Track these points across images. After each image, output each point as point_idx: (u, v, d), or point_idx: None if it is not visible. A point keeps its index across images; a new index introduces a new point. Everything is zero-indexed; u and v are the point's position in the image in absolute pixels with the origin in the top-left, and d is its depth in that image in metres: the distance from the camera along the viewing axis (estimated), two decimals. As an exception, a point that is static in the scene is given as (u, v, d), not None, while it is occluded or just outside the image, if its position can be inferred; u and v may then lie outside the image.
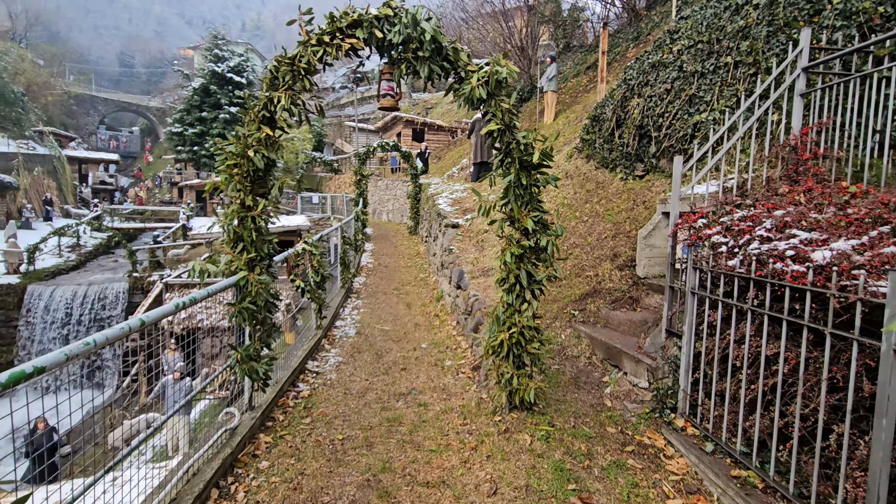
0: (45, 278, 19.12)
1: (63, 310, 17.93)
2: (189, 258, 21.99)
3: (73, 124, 53.83)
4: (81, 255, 22.86)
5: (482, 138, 11.18)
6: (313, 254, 5.20)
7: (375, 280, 9.59)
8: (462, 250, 7.45)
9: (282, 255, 4.07)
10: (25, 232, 24.04)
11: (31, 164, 30.44)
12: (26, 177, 28.72)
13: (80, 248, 23.82)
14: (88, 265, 22.69)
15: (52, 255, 21.41)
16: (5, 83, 33.30)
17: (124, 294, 18.87)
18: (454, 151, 19.68)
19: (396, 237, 14.85)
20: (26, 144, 32.19)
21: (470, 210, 9.03)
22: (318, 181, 30.04)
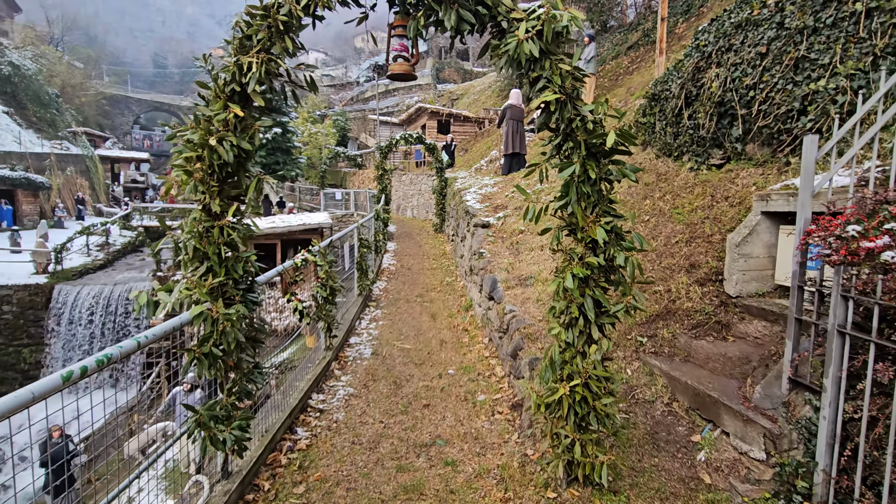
0: (72, 278, 19.14)
1: (89, 309, 17.86)
2: (213, 256, 21.74)
3: (108, 124, 55.33)
4: (109, 254, 22.94)
5: (515, 126, 10.13)
6: (319, 264, 4.33)
7: (397, 285, 8.71)
8: (494, 254, 6.48)
9: (270, 273, 3.20)
10: (57, 231, 24.35)
11: (65, 164, 30.99)
12: (59, 176, 29.22)
13: (108, 246, 23.95)
14: (116, 264, 22.75)
15: (81, 255, 21.51)
16: (40, 85, 34.03)
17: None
18: (482, 143, 18.62)
19: (421, 235, 13.96)
20: (60, 145, 32.83)
21: (502, 207, 8.03)
22: (342, 177, 29.48)
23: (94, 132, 44.76)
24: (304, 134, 29.37)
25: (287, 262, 3.71)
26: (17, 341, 17.54)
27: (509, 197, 8.27)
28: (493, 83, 26.29)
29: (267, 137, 21.36)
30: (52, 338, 17.44)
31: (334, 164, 30.72)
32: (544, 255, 5.80)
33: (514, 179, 9.55)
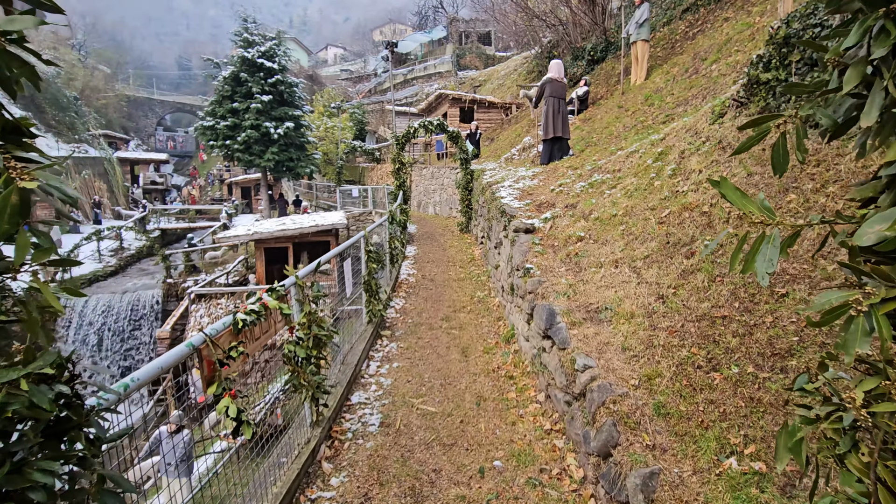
0: (80, 286, 18.28)
1: (97, 320, 16.94)
2: (227, 260, 20.70)
3: (132, 127, 55.69)
4: (122, 259, 22.15)
5: (556, 105, 8.34)
6: (285, 313, 2.75)
7: (418, 303, 7.11)
8: (545, 270, 4.78)
9: (157, 364, 1.60)
10: (72, 236, 23.71)
11: (82, 167, 30.55)
12: (76, 180, 28.74)
13: (122, 251, 23.20)
14: (129, 269, 21.94)
15: (92, 261, 20.74)
16: (59, 88, 33.71)
17: (157, 302, 17.70)
18: (509, 131, 16.80)
19: (445, 236, 12.32)
20: (78, 148, 32.48)
21: (547, 205, 6.29)
22: (360, 172, 28.08)
23: (115, 134, 44.72)
24: (320, 129, 28.05)
25: (213, 327, 2.12)
26: (25, 354, 16.74)
27: (557, 191, 6.52)
28: (518, 66, 24.33)
29: (279, 132, 20.05)
30: (59, 346, 16.56)
31: (352, 160, 29.33)
32: (621, 275, 4.07)
33: (558, 169, 7.80)
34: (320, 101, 30.53)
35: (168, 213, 32.31)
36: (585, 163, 7.34)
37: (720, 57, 7.39)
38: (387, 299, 6.68)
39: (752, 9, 8.07)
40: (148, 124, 59.12)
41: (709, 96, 6.66)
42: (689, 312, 3.26)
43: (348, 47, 79.75)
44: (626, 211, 4.78)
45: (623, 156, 5.96)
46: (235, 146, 20.13)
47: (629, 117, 8.48)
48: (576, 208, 5.73)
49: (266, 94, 20.25)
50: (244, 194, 38.66)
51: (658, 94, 8.27)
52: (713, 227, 3.75)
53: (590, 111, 11.06)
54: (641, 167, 5.24)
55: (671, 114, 7.12)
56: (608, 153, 7.24)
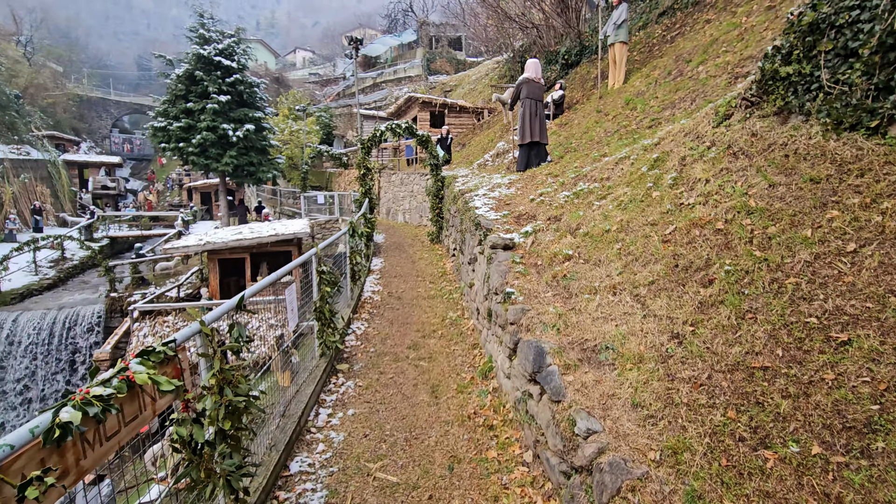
0: (10, 302, 16.52)
1: (28, 340, 15.27)
2: (180, 271, 19.22)
3: (84, 128, 52.65)
4: (63, 271, 20.30)
5: (534, 107, 7.71)
6: (164, 390, 1.90)
7: (382, 326, 6.27)
8: (529, 295, 4.06)
9: None
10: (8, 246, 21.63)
11: (22, 170, 28.23)
12: (14, 184, 26.45)
13: (64, 262, 21.31)
14: (70, 282, 20.13)
15: (27, 273, 18.88)
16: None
17: (100, 318, 16.15)
18: (481, 136, 16.19)
19: (414, 247, 11.52)
20: (18, 149, 30.06)
21: (528, 217, 5.60)
22: (327, 177, 26.98)
23: (63, 136, 41.95)
24: (285, 132, 26.80)
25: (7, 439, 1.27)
26: (-60, 381, 14.90)
27: (537, 202, 5.84)
28: (490, 71, 23.85)
29: (238, 135, 18.81)
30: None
31: (318, 164, 28.18)
32: (621, 305, 3.39)
33: (537, 177, 7.14)
34: (285, 103, 29.25)
35: (119, 219, 30.22)
36: (566, 170, 6.71)
37: (707, 58, 6.92)
38: (345, 325, 5.82)
39: (737, 9, 7.67)
40: (102, 126, 56.07)
41: (698, 98, 6.15)
42: (715, 359, 2.58)
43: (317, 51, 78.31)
44: (622, 226, 4.12)
45: (611, 162, 5.33)
46: (190, 149, 18.76)
47: (610, 122, 7.94)
48: (560, 221, 5.04)
49: (224, 94, 18.98)
50: (204, 200, 36.76)
51: (640, 98, 7.76)
52: (732, 248, 3.11)
53: (566, 116, 10.52)
54: (635, 175, 4.60)
55: (657, 118, 6.58)
56: (591, 159, 6.64)
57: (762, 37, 6.08)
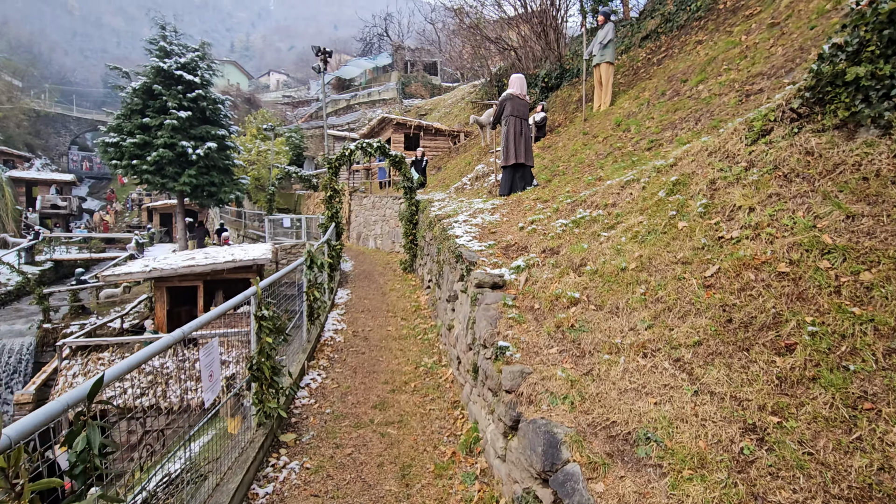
0: (-76, 334, 14.51)
1: (-60, 378, 13.34)
2: (128, 299, 17.53)
3: (40, 144, 50.06)
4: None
5: (518, 126, 6.99)
6: None
7: (343, 376, 5.23)
8: (528, 350, 3.17)
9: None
10: (-69, 269, 19.48)
11: (-41, 186, 25.94)
12: (-53, 202, 24.15)
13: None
14: (1, 311, 18.10)
15: (-51, 300, 16.83)
16: (-64, 95, 28.95)
17: (29, 352, 14.33)
18: (458, 159, 15.53)
19: (385, 276, 10.53)
20: (-45, 164, 27.75)
21: (518, 249, 4.75)
22: (295, 200, 25.81)
23: (12, 151, 39.46)
24: (252, 152, 25.63)
25: None
26: None
27: (528, 230, 5.01)
28: (466, 94, 23.51)
29: (199, 153, 17.57)
30: None
31: (287, 186, 27.00)
32: (659, 373, 2.52)
33: (524, 202, 6.36)
34: (254, 122, 28.15)
35: (66, 241, 28.01)
36: (557, 194, 5.95)
37: (706, 77, 6.38)
38: (296, 379, 4.76)
39: (733, 28, 7.25)
40: (60, 142, 53.48)
41: (703, 118, 5.53)
42: (828, 475, 1.72)
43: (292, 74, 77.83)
44: (642, 263, 3.30)
45: (615, 186, 4.57)
46: (144, 167, 17.37)
47: (600, 144, 7.29)
48: (559, 254, 4.21)
49: (184, 109, 17.80)
50: (164, 221, 34.82)
51: (633, 119, 7.16)
52: (810, 299, 2.31)
53: (549, 139, 9.92)
54: (650, 201, 3.83)
55: (656, 139, 5.93)
56: (584, 183, 5.91)
57: (770, 53, 5.56)
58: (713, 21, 8.31)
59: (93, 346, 11.66)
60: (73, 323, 15.40)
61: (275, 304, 3.93)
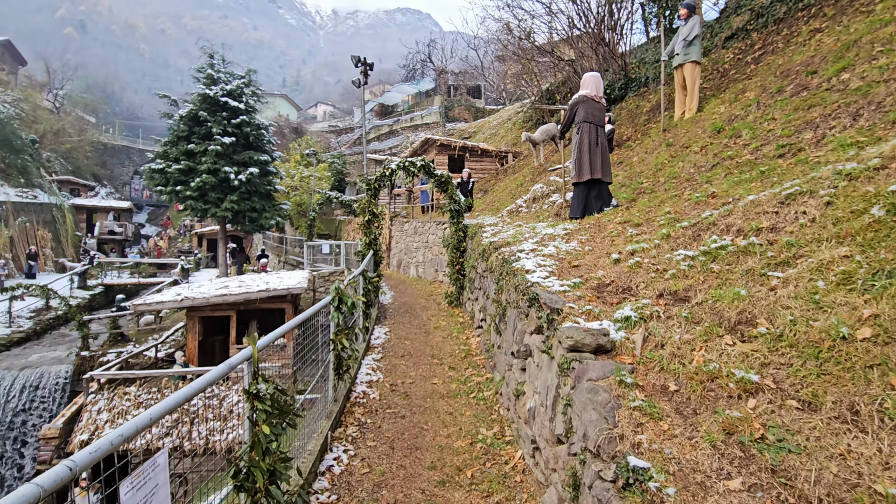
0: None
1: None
2: (167, 326, 17.16)
3: (105, 174, 53.23)
4: (41, 323, 18.45)
5: (594, 134, 5.71)
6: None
7: (376, 453, 3.98)
8: (685, 480, 1.81)
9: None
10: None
11: (25, 213, 27.25)
12: (13, 228, 25.29)
13: (47, 311, 19.50)
14: (47, 336, 18.19)
15: (1, 325, 17.03)
16: (13, 130, 31.03)
17: (66, 382, 13.99)
18: (507, 181, 14.32)
19: (428, 310, 9.31)
20: (26, 193, 29.33)
21: (617, 288, 3.40)
22: (336, 225, 25.34)
23: (78, 181, 41.78)
24: (295, 178, 25.54)
25: None
26: None
27: (628, 264, 3.66)
28: (513, 115, 22.49)
29: (241, 178, 17.32)
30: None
31: (328, 212, 26.67)
32: None
33: (606, 226, 5.01)
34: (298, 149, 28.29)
35: (119, 266, 28.74)
36: (653, 216, 4.59)
37: (851, 63, 4.90)
38: (314, 463, 3.53)
39: (874, 7, 5.75)
40: (124, 172, 56.82)
41: (866, 111, 4.05)
42: None
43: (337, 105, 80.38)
44: (882, 329, 1.89)
45: (766, 203, 3.18)
46: (188, 192, 17.25)
47: (697, 155, 5.87)
48: (691, 303, 2.84)
49: (229, 135, 17.70)
50: (211, 247, 35.43)
51: (741, 123, 5.72)
52: None
53: (618, 153, 8.55)
54: (855, 224, 2.43)
55: (791, 143, 4.48)
56: (688, 202, 4.52)
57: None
58: (831, 6, 6.81)
59: (121, 380, 11.02)
60: (111, 351, 15.04)
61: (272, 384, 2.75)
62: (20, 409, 13.18)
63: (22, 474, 12.45)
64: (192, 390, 2.12)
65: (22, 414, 13.15)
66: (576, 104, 5.85)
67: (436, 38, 40.45)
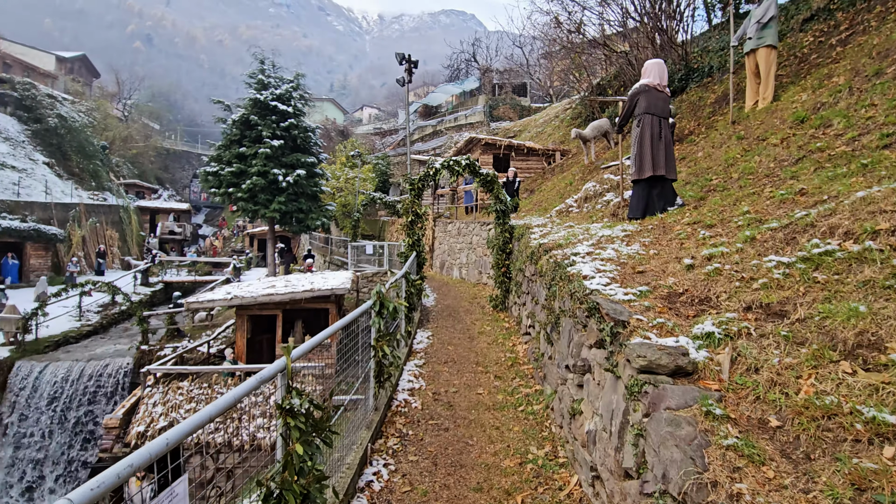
0: (44, 350, 15.59)
1: (50, 394, 14.03)
2: (219, 323, 17.79)
3: (167, 178, 56.53)
4: (107, 317, 19.63)
5: (657, 126, 5.22)
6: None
7: (418, 468, 3.72)
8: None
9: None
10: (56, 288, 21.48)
11: (95, 214, 29.24)
12: (85, 228, 27.18)
13: (112, 307, 20.75)
14: (114, 329, 19.33)
15: (71, 318, 18.24)
16: (86, 137, 33.45)
17: (126, 374, 14.71)
18: (555, 180, 13.78)
19: (472, 313, 9.01)
20: (96, 195, 31.51)
21: (692, 299, 2.96)
22: (380, 226, 25.52)
23: (143, 184, 44.49)
24: (341, 179, 25.95)
25: None
26: (-38, 434, 13.84)
27: (704, 271, 3.21)
28: (560, 112, 21.79)
29: (288, 180, 17.71)
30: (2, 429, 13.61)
31: (372, 212, 26.93)
32: None
33: (671, 227, 4.52)
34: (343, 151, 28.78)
35: (178, 265, 30.32)
36: (728, 216, 4.08)
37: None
38: (352, 477, 3.31)
39: None
40: (185, 176, 60.13)
41: None
42: None
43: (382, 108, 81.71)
44: None
45: (883, 200, 2.67)
46: (239, 194, 17.84)
47: (777, 148, 5.24)
48: (789, 318, 2.38)
49: (277, 138, 18.15)
50: (261, 247, 36.77)
51: (830, 111, 5.04)
52: None
53: (681, 148, 7.91)
54: None
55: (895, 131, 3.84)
56: (770, 200, 3.98)
57: None
58: None
59: (174, 375, 11.42)
60: (167, 346, 15.72)
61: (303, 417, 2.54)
62: (87, 398, 13.98)
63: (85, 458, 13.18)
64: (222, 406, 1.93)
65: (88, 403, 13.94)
66: (636, 94, 5.37)
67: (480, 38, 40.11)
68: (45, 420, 13.54)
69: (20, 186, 24.76)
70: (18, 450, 13.42)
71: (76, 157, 32.36)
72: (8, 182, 24.30)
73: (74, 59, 52.12)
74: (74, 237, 25.88)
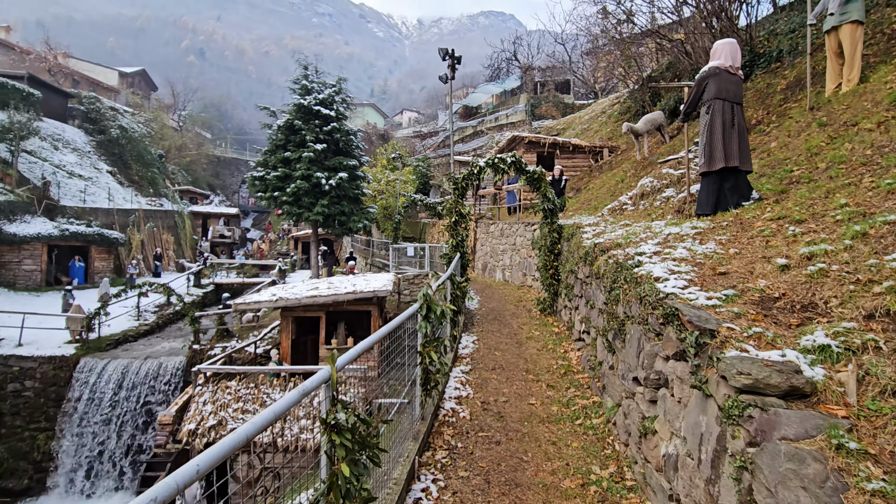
0: (105, 348, 16.43)
1: (111, 389, 14.76)
2: (266, 324, 18.22)
3: (218, 184, 59.06)
4: (163, 317, 20.53)
5: (730, 112, 4.72)
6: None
7: (469, 487, 3.43)
8: None
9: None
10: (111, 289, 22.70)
11: (152, 219, 30.85)
12: (143, 231, 28.71)
13: (168, 307, 21.71)
14: (169, 328, 20.19)
15: (130, 318, 19.20)
16: (145, 146, 35.38)
17: (179, 371, 15.27)
18: (603, 178, 13.17)
19: (518, 317, 8.64)
20: (154, 201, 33.25)
21: (795, 306, 2.52)
22: (420, 228, 25.47)
23: (196, 190, 46.63)
24: (382, 182, 26.11)
25: None
26: (34, 424, 14.74)
27: (804, 273, 2.75)
28: (608, 108, 20.96)
29: (331, 183, 17.92)
30: (66, 423, 14.44)
31: (413, 214, 26.93)
32: None
33: (751, 224, 4.03)
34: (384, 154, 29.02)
35: (227, 267, 31.47)
36: (821, 210, 3.57)
37: None
38: (397, 500, 3.06)
39: None
40: (234, 182, 62.66)
41: None
42: None
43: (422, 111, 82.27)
44: None
45: None
46: (284, 198, 18.22)
47: (873, 133, 4.61)
48: None
49: (320, 142, 18.42)
50: (305, 249, 37.65)
51: (939, 87, 4.38)
52: None
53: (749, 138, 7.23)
54: None
55: None
56: (873, 192, 3.43)
57: None
58: None
59: (223, 374, 11.67)
60: (217, 345, 16.21)
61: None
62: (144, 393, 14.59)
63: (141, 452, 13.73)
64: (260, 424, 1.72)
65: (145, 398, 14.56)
66: (705, 78, 4.89)
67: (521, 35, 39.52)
68: (106, 412, 14.22)
69: (86, 194, 26.43)
70: (82, 437, 14.16)
71: (136, 165, 34.26)
72: (76, 190, 26.01)
73: (135, 73, 55.44)
74: (134, 241, 27.37)
